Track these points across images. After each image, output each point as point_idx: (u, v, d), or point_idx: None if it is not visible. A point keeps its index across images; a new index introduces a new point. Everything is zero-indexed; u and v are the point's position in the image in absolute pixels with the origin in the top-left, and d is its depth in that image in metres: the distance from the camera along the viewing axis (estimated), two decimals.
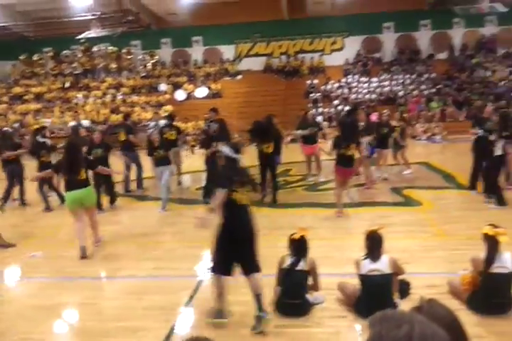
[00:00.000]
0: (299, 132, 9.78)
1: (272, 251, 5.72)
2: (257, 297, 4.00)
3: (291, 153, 10.73)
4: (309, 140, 9.80)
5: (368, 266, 4.09)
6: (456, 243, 5.72)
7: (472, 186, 8.31)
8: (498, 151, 7.17)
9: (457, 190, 8.68)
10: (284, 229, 6.67)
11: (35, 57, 25.00)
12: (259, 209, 8.12)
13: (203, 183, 9.66)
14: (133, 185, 10.13)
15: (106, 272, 5.81)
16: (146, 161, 9.50)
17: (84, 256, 6.01)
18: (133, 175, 10.09)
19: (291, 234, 4.40)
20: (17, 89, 23.79)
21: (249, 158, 6.50)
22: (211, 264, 4.24)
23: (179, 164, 10.62)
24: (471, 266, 4.20)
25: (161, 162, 8.40)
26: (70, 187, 6.22)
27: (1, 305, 4.83)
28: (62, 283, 5.32)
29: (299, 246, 4.31)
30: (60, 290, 5.08)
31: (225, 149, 4.31)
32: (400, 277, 4.39)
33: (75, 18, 21.35)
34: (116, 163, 9.80)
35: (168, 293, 4.84)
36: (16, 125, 19.12)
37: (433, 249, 5.66)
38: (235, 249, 4.00)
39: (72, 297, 4.92)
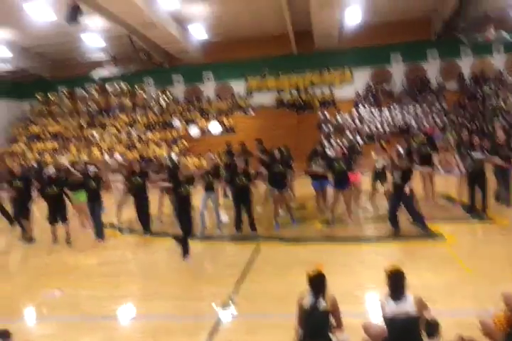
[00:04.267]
0: None
1: (291, 289, 5.59)
2: None
3: (307, 187, 10.64)
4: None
5: (393, 308, 3.89)
6: (485, 279, 5.51)
7: None
8: None
9: (480, 223, 8.45)
10: (302, 265, 6.51)
11: (51, 96, 25.67)
12: (276, 244, 8.05)
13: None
14: None
15: (122, 311, 5.69)
16: None
17: None
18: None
19: (309, 271, 4.24)
20: (34, 128, 24.32)
21: None
22: None
23: None
24: (504, 304, 4.00)
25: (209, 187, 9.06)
26: None
27: None
28: (79, 323, 5.21)
29: (317, 284, 4.13)
30: (77, 330, 4.98)
31: None
32: (429, 316, 4.19)
33: (90, 58, 22.03)
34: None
35: (186, 334, 4.70)
36: (35, 164, 19.41)
37: (460, 285, 5.45)
38: None
39: (89, 337, 4.81)
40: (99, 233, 9.25)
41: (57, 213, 9.35)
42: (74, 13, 15.25)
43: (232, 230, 9.14)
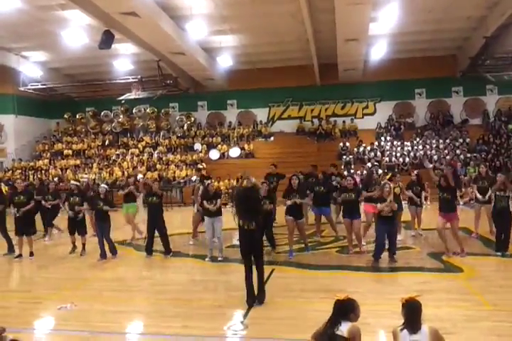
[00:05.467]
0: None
1: (302, 314, 5.53)
2: None
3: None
4: (373, 199, 9.37)
5: (407, 338, 3.76)
6: (503, 314, 5.35)
7: None
8: None
9: (499, 256, 8.27)
10: (316, 292, 6.45)
11: (78, 116, 26.38)
12: (289, 269, 7.98)
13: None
14: None
15: (133, 328, 5.67)
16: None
17: None
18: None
19: (336, 296, 4.12)
20: (59, 146, 24.93)
21: None
22: None
23: None
24: None
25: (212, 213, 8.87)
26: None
27: None
28: (89, 337, 5.20)
29: (339, 308, 4.01)
30: None
31: None
32: None
33: (118, 81, 22.68)
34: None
35: None
36: (56, 179, 19.80)
37: (477, 319, 5.29)
38: None
39: None
40: (112, 250, 9.42)
41: (76, 224, 9.72)
42: (107, 40, 15.80)
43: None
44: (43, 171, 22.34)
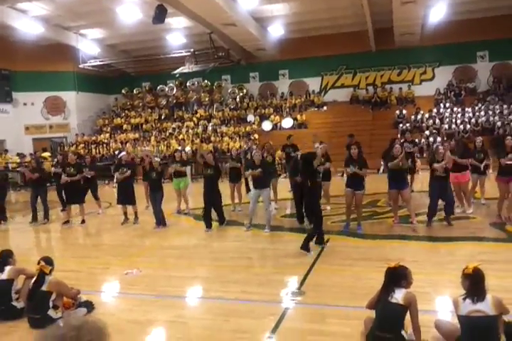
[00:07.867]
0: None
1: (356, 282, 5.60)
2: None
3: (381, 183, 10.46)
4: (458, 167, 9.05)
5: (469, 307, 3.71)
6: None
7: None
8: None
9: None
10: (373, 261, 6.47)
11: (134, 91, 27.09)
12: (346, 238, 8.02)
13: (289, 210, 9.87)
14: None
15: (195, 292, 5.96)
16: None
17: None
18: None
19: (389, 264, 4.16)
20: (118, 120, 25.84)
21: None
22: None
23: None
24: None
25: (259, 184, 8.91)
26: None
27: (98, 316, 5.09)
28: (154, 300, 5.51)
29: (391, 276, 4.06)
30: (153, 307, 5.27)
31: None
32: (507, 319, 3.99)
33: (171, 55, 22.95)
34: None
35: (255, 318, 4.83)
36: (117, 152, 20.65)
37: None
38: None
39: (163, 314, 5.07)
40: (161, 221, 9.74)
41: (124, 195, 10.18)
42: (160, 14, 15.96)
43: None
44: (105, 145, 23.29)
